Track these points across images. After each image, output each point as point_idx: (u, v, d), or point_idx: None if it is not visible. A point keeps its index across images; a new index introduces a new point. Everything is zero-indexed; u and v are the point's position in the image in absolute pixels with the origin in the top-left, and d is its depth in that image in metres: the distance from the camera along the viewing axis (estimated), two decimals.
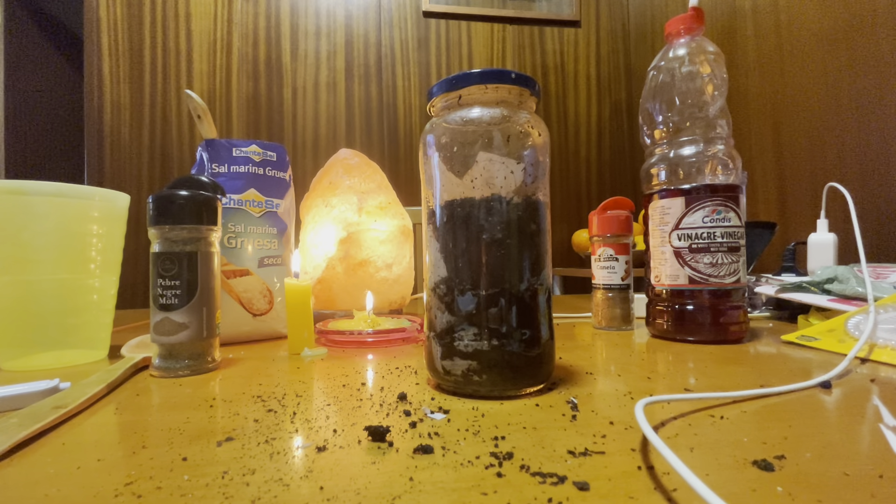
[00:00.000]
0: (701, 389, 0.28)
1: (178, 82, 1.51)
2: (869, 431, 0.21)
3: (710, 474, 0.17)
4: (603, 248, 0.51)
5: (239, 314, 0.47)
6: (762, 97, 1.10)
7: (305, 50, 1.57)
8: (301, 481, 0.17)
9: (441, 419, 0.23)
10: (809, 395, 0.26)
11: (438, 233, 0.28)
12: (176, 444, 0.21)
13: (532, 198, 0.27)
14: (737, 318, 0.42)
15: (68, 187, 0.37)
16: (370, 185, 0.62)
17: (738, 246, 0.42)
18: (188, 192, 0.35)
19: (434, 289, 0.28)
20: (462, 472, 0.18)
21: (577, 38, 1.74)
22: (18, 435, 0.21)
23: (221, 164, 0.48)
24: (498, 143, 0.26)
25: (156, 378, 0.33)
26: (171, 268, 0.34)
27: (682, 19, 0.45)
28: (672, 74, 0.44)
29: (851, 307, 0.43)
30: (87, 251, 0.39)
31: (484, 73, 0.27)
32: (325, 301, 0.59)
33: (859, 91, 0.86)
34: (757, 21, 1.11)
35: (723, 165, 0.42)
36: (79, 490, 0.17)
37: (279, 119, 1.55)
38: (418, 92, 1.63)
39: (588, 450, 0.19)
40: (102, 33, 1.47)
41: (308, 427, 0.23)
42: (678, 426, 0.22)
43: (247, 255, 0.48)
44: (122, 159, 1.47)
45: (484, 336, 0.26)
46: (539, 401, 0.26)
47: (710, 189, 0.42)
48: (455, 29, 1.66)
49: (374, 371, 0.34)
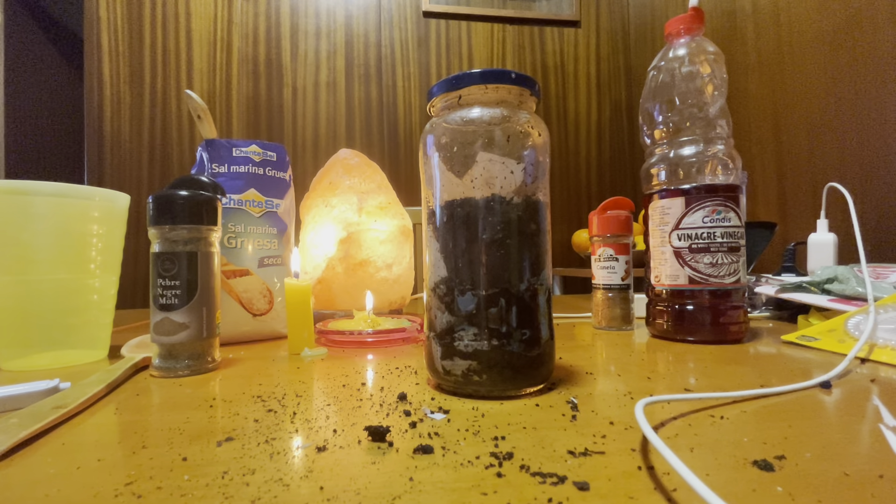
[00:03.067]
0: (701, 389, 0.28)
1: (178, 82, 1.51)
2: (869, 431, 0.21)
3: (710, 474, 0.17)
4: (603, 248, 0.51)
5: (239, 314, 0.47)
6: (762, 97, 1.10)
7: (305, 50, 1.57)
8: (301, 481, 0.17)
9: (441, 419, 0.23)
10: (809, 395, 0.26)
11: (438, 233, 0.28)
12: (176, 444, 0.21)
13: (532, 198, 0.27)
14: (737, 318, 0.42)
15: (68, 187, 0.37)
16: (370, 185, 0.62)
17: (738, 246, 0.42)
18: (188, 192, 0.35)
19: (434, 289, 0.28)
20: (462, 472, 0.18)
21: (577, 38, 1.74)
22: (18, 435, 0.21)
23: (221, 164, 0.48)
24: (498, 143, 0.26)
25: (156, 378, 0.33)
26: (171, 268, 0.34)
27: (681, 19, 0.45)
28: (672, 74, 0.44)
29: (851, 307, 0.43)
30: (87, 251, 0.39)
31: (484, 73, 0.27)
32: (325, 301, 0.59)
33: (859, 91, 0.86)
34: (757, 21, 1.11)
35: (723, 165, 0.42)
36: (79, 490, 0.17)
37: (279, 119, 1.55)
38: (418, 92, 1.63)
39: (588, 450, 0.19)
40: (102, 33, 1.47)
41: (308, 427, 0.23)
42: (678, 426, 0.22)
43: (247, 255, 0.48)
44: (122, 159, 1.47)
45: (484, 336, 0.26)
46: (539, 401, 0.26)
47: (710, 189, 0.42)
48: (455, 29, 1.66)
49: (374, 371, 0.34)
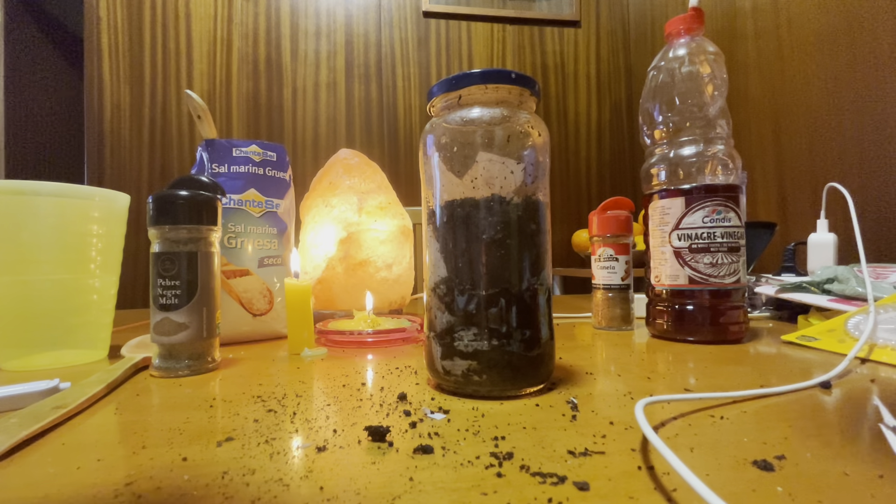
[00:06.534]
0: (701, 389, 0.28)
1: (178, 82, 1.51)
2: (869, 431, 0.21)
3: (710, 474, 0.17)
4: (603, 248, 0.51)
5: (239, 314, 0.47)
6: (762, 97, 1.10)
7: (305, 50, 1.57)
8: (301, 481, 0.17)
9: (441, 419, 0.23)
10: (809, 395, 0.26)
11: (438, 233, 0.28)
12: (176, 444, 0.21)
13: (532, 198, 0.27)
14: (737, 318, 0.42)
15: (68, 187, 0.37)
16: (370, 185, 0.62)
17: (738, 246, 0.42)
18: (188, 192, 0.35)
19: (434, 289, 0.28)
20: (462, 472, 0.18)
21: (577, 38, 1.74)
22: (18, 435, 0.21)
23: (221, 164, 0.48)
24: (498, 144, 0.26)
25: (156, 378, 0.33)
26: (171, 268, 0.34)
27: (682, 19, 0.45)
28: (672, 74, 0.44)
29: (851, 307, 0.43)
30: (88, 251, 0.39)
31: (484, 73, 0.27)
32: (325, 301, 0.59)
33: (859, 91, 0.86)
34: (757, 21, 1.11)
35: (723, 165, 0.42)
36: (79, 490, 0.17)
37: (279, 119, 1.55)
38: (418, 92, 1.63)
39: (588, 450, 0.19)
40: (102, 33, 1.47)
41: (308, 427, 0.23)
42: (678, 426, 0.22)
43: (247, 255, 0.48)
44: (122, 159, 1.47)
45: (484, 336, 0.26)
46: (539, 401, 0.26)
47: (710, 189, 0.42)
48: (455, 29, 1.66)
49: (374, 371, 0.34)
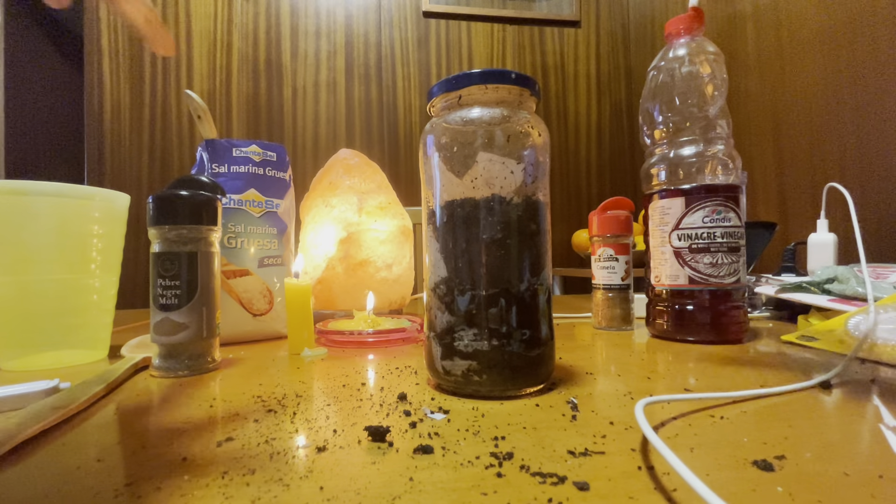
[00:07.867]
0: (701, 389, 0.28)
1: (178, 82, 1.51)
2: (869, 431, 0.21)
3: (710, 474, 0.17)
4: (603, 248, 0.51)
5: (239, 314, 0.47)
6: (762, 97, 1.10)
7: (305, 50, 1.57)
8: (301, 481, 0.17)
9: (441, 419, 0.23)
10: (809, 395, 0.26)
11: (438, 233, 0.28)
12: (176, 444, 0.21)
13: (532, 198, 0.27)
14: (737, 318, 0.42)
15: (68, 187, 0.37)
16: (370, 185, 0.62)
17: (738, 246, 0.42)
18: (188, 192, 0.35)
19: (434, 289, 0.28)
20: (462, 472, 0.18)
21: (577, 38, 1.74)
22: (18, 435, 0.21)
23: (221, 164, 0.48)
24: (498, 144, 0.26)
25: (156, 378, 0.33)
26: (171, 268, 0.34)
27: (681, 19, 0.45)
28: (672, 75, 0.44)
29: (851, 307, 0.43)
30: (87, 251, 0.39)
31: (484, 73, 0.27)
32: (325, 301, 0.59)
33: (859, 91, 0.86)
34: (757, 21, 1.11)
35: (723, 165, 0.42)
36: (79, 490, 0.17)
37: (279, 119, 1.55)
38: (418, 92, 1.63)
39: (588, 450, 0.19)
40: (102, 33, 1.47)
41: (308, 427, 0.23)
42: (678, 426, 0.22)
43: (247, 255, 0.48)
44: (122, 159, 1.47)
45: (484, 336, 0.26)
46: (539, 401, 0.26)
47: (710, 189, 0.42)
48: (455, 29, 1.66)
49: (374, 371, 0.34)
